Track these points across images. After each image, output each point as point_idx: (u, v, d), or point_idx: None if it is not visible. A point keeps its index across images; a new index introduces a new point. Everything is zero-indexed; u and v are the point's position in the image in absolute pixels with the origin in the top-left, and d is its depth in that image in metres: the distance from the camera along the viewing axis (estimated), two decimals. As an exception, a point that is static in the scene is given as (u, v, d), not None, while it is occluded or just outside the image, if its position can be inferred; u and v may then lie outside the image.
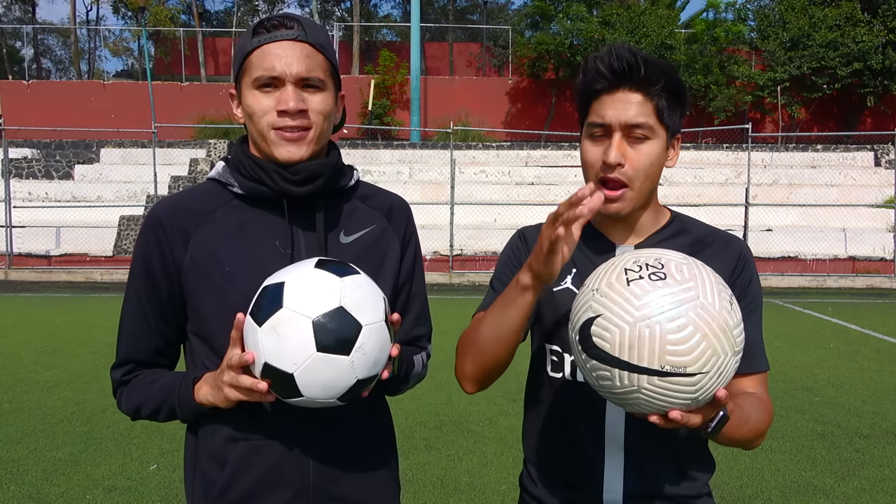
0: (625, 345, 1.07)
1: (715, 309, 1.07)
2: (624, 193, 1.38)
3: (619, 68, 1.35)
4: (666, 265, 1.12)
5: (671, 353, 1.05)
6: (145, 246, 1.41)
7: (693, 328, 1.05)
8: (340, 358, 1.17)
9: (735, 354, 1.10)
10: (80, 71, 38.19)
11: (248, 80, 1.36)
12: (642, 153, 1.37)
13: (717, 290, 1.10)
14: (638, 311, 1.07)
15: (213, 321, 1.38)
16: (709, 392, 1.10)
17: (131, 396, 1.44)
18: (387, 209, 1.53)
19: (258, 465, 1.38)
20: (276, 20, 1.36)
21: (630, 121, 1.35)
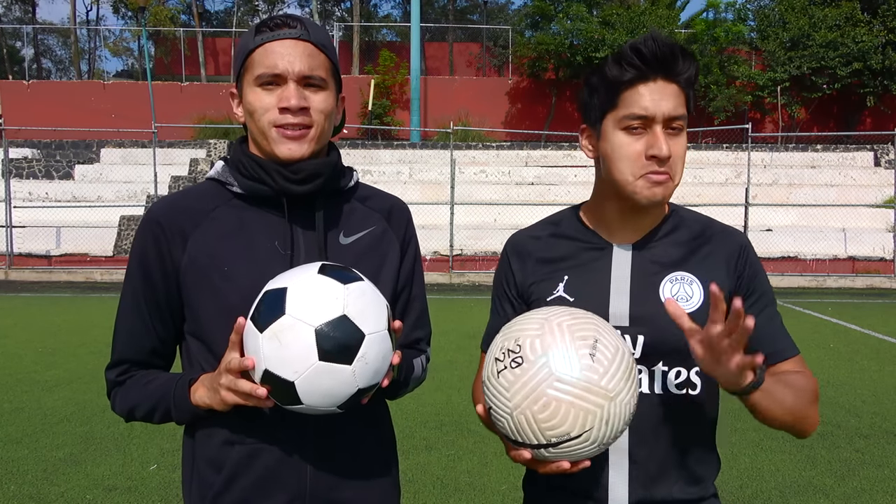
0: (514, 430, 1.17)
1: (572, 377, 1.12)
2: (668, 179, 1.34)
3: (662, 56, 1.30)
4: (522, 346, 1.16)
5: (548, 428, 1.13)
6: (143, 245, 1.40)
7: (556, 403, 1.12)
8: (342, 367, 1.16)
9: (611, 400, 1.13)
10: (80, 71, 38.20)
11: (249, 77, 1.36)
12: (679, 144, 1.34)
13: (571, 352, 1.13)
14: (510, 401, 1.15)
15: (211, 322, 1.37)
16: (609, 435, 1.16)
17: (126, 397, 1.44)
18: (387, 211, 1.53)
19: (255, 469, 1.37)
20: (279, 20, 1.37)
21: (672, 112, 1.31)
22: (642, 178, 1.33)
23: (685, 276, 1.40)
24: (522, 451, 1.19)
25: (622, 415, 1.15)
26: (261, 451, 1.37)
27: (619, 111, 1.33)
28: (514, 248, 1.54)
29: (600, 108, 1.37)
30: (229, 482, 1.38)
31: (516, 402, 1.14)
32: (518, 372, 1.14)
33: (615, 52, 1.37)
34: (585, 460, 1.18)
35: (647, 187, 1.34)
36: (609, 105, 1.35)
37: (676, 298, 1.37)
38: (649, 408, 1.37)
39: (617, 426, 1.15)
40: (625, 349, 1.19)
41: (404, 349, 1.54)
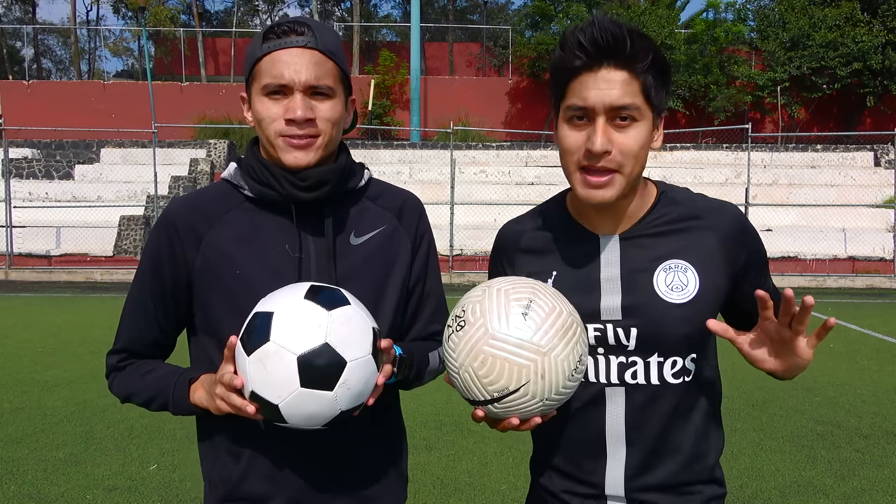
0: (463, 388, 1.23)
1: (504, 334, 1.18)
2: (612, 178, 1.27)
3: (604, 42, 1.22)
4: (465, 311, 1.23)
5: (489, 384, 1.19)
6: (157, 243, 1.43)
7: (492, 359, 1.18)
8: (324, 393, 1.19)
9: (544, 355, 1.17)
10: (80, 71, 38.20)
11: (257, 86, 1.37)
12: (630, 136, 1.25)
13: (503, 312, 1.20)
14: (456, 360, 1.22)
15: (224, 320, 1.39)
16: (548, 390, 1.19)
17: (124, 383, 1.47)
18: (398, 208, 1.53)
19: (271, 460, 1.41)
20: (287, 26, 1.36)
21: (615, 102, 1.23)
22: (579, 174, 1.29)
23: (679, 263, 1.35)
24: (476, 409, 1.24)
25: (559, 370, 1.19)
26: (275, 444, 1.40)
27: (565, 101, 1.28)
28: (502, 241, 1.52)
29: (553, 98, 1.33)
30: (246, 471, 1.42)
31: (461, 361, 1.21)
32: (461, 333, 1.22)
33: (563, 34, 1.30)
34: (535, 417, 1.22)
35: (581, 186, 1.29)
36: (559, 96, 1.31)
37: (671, 288, 1.34)
38: (646, 397, 1.37)
39: (555, 381, 1.19)
40: (563, 309, 1.22)
41: (419, 341, 1.56)
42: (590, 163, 1.26)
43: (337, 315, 1.22)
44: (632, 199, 1.37)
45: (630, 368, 1.36)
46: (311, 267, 1.41)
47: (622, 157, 1.26)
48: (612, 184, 1.27)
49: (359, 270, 1.44)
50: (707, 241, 1.36)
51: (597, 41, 1.22)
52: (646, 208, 1.39)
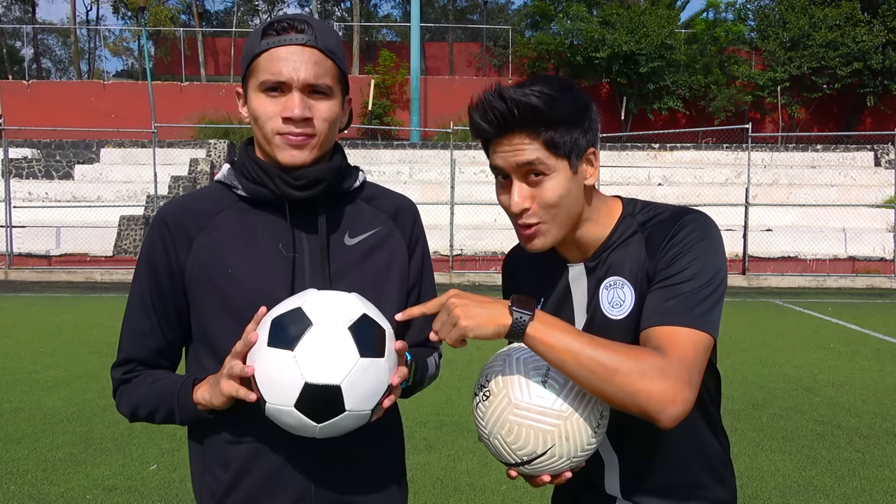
0: (495, 452, 1.30)
1: (526, 401, 1.24)
2: (538, 229, 1.32)
3: (494, 119, 1.27)
4: (489, 381, 1.30)
5: (517, 449, 1.25)
6: (151, 246, 1.41)
7: (518, 427, 1.24)
8: (378, 360, 1.22)
9: (566, 419, 1.23)
10: (80, 71, 38.20)
11: (254, 82, 1.34)
12: (545, 190, 1.29)
13: (525, 382, 1.26)
14: (486, 428, 1.29)
15: (215, 324, 1.37)
16: (574, 450, 1.25)
17: (131, 396, 1.44)
18: (393, 211, 1.52)
19: (262, 468, 1.38)
20: (287, 22, 1.34)
21: (519, 161, 1.28)
22: (519, 230, 1.36)
23: (617, 280, 1.36)
24: (510, 470, 1.31)
25: (582, 430, 1.25)
26: (267, 450, 1.37)
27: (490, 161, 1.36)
28: (508, 264, 1.61)
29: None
30: (237, 480, 1.39)
31: (489, 430, 1.28)
32: (487, 404, 1.29)
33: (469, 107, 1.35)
34: (566, 472, 1.29)
35: (520, 239, 1.37)
36: (487, 154, 1.36)
37: (612, 305, 1.35)
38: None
39: (579, 441, 1.25)
40: None
41: (417, 348, 1.54)
42: (517, 220, 1.34)
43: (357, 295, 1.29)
44: (589, 230, 1.39)
45: None
46: (304, 266, 1.39)
47: (542, 210, 1.31)
48: (539, 234, 1.33)
49: (352, 270, 1.43)
50: (634, 252, 1.36)
51: (488, 118, 1.28)
52: (606, 232, 1.40)
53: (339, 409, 1.18)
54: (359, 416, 1.23)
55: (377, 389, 1.22)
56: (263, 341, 1.20)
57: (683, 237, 1.29)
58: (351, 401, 1.19)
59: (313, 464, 1.39)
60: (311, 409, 1.18)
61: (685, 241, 1.29)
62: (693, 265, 1.27)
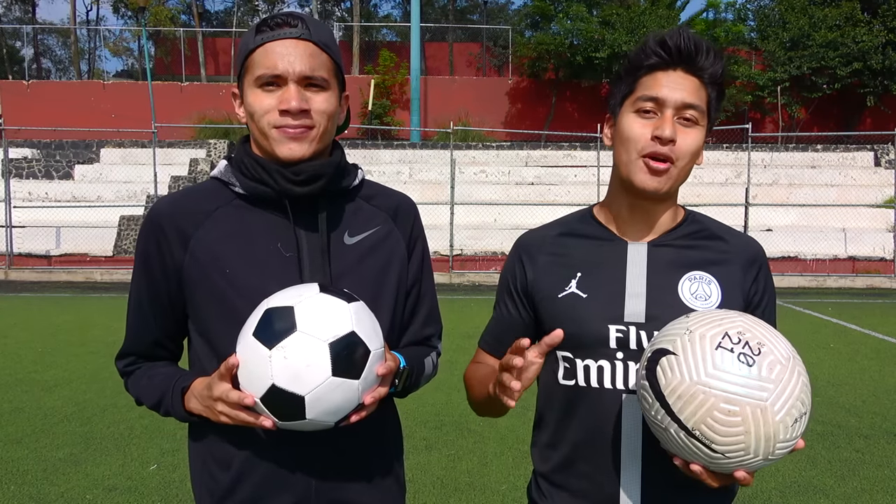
0: (676, 392, 1.14)
1: (775, 418, 1.11)
2: (669, 169, 1.34)
3: (685, 48, 1.33)
4: (762, 356, 1.13)
5: (708, 425, 1.11)
6: (145, 244, 1.41)
7: (741, 420, 1.10)
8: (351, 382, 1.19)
9: (765, 460, 1.14)
10: (80, 71, 38.19)
11: (250, 78, 1.34)
12: (689, 136, 1.34)
13: (790, 404, 1.12)
14: (707, 376, 1.12)
15: (214, 323, 1.37)
16: (723, 468, 1.16)
17: (133, 388, 1.47)
18: (393, 210, 1.51)
19: (262, 469, 1.37)
20: (280, 18, 1.34)
21: (686, 100, 1.33)
22: (641, 160, 1.34)
23: (703, 275, 1.39)
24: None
25: (745, 467, 1.16)
26: (267, 451, 1.37)
27: (635, 94, 1.37)
28: (523, 245, 1.54)
29: (621, 93, 1.41)
30: (237, 480, 1.38)
31: (713, 384, 1.13)
32: (742, 369, 1.13)
33: (645, 38, 1.40)
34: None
35: (642, 170, 1.34)
36: (628, 90, 1.39)
37: (695, 296, 1.37)
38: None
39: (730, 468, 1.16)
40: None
41: (415, 346, 1.54)
42: (655, 150, 1.33)
43: (356, 307, 1.24)
44: (665, 210, 1.43)
45: None
46: (304, 265, 1.38)
47: (680, 152, 1.34)
48: (668, 174, 1.35)
49: (352, 270, 1.41)
50: (729, 262, 1.41)
51: (679, 46, 1.33)
52: (675, 223, 1.45)
53: (301, 416, 1.19)
54: (321, 425, 1.23)
55: (344, 406, 1.21)
56: (251, 328, 1.20)
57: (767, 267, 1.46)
58: (313, 412, 1.19)
59: (314, 464, 1.38)
60: (274, 409, 1.20)
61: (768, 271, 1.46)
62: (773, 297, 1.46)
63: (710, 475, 1.18)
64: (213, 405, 1.25)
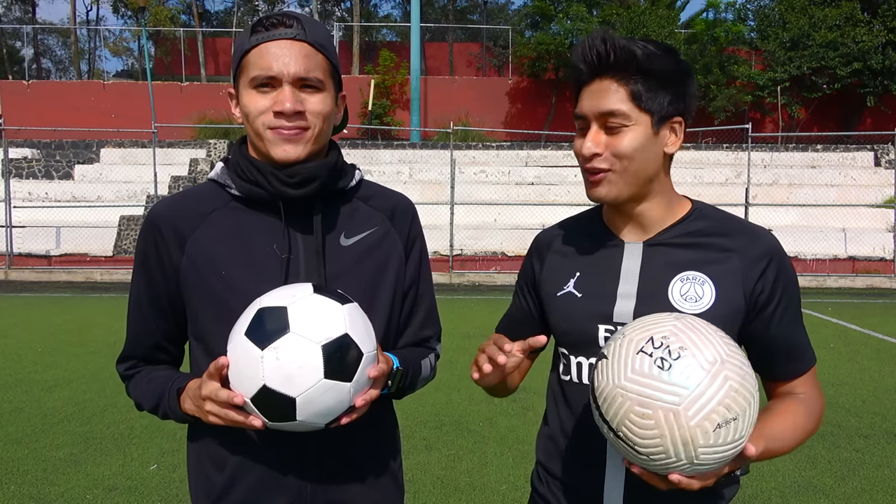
0: (602, 394, 1.17)
1: (689, 422, 1.10)
2: (605, 177, 1.34)
3: (591, 59, 1.32)
4: (680, 360, 1.12)
5: (627, 427, 1.14)
6: (144, 247, 1.41)
7: (654, 424, 1.11)
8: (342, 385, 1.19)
9: (692, 465, 1.13)
10: (80, 71, 38.19)
11: (245, 79, 1.33)
12: (618, 140, 1.32)
13: (710, 408, 1.10)
14: (625, 379, 1.14)
15: (210, 325, 1.37)
16: (657, 471, 1.16)
17: (133, 392, 1.47)
18: (390, 210, 1.50)
19: (257, 470, 1.37)
20: (275, 18, 1.33)
21: (601, 109, 1.32)
22: (586, 174, 1.38)
23: (697, 275, 1.36)
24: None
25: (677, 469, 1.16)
26: (263, 452, 1.36)
27: (575, 111, 1.40)
28: (537, 242, 1.59)
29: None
30: (232, 481, 1.38)
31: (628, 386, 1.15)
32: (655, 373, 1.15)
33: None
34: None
35: (587, 184, 1.39)
36: (575, 102, 1.41)
37: (685, 298, 1.35)
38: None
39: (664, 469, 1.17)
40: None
41: (412, 348, 1.53)
42: (587, 165, 1.36)
43: (349, 309, 1.23)
44: (656, 207, 1.40)
45: None
46: (299, 267, 1.37)
47: (613, 157, 1.33)
48: (606, 182, 1.35)
49: (349, 271, 1.41)
50: (729, 260, 1.37)
51: (585, 58, 1.34)
52: (674, 219, 1.42)
53: (291, 417, 1.19)
54: (311, 426, 1.23)
55: (336, 408, 1.21)
56: (243, 327, 1.20)
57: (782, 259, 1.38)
58: (303, 414, 1.18)
59: (308, 465, 1.38)
60: (264, 409, 1.19)
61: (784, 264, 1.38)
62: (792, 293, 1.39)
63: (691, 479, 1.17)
64: (202, 404, 1.25)
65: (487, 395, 1.51)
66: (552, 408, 1.53)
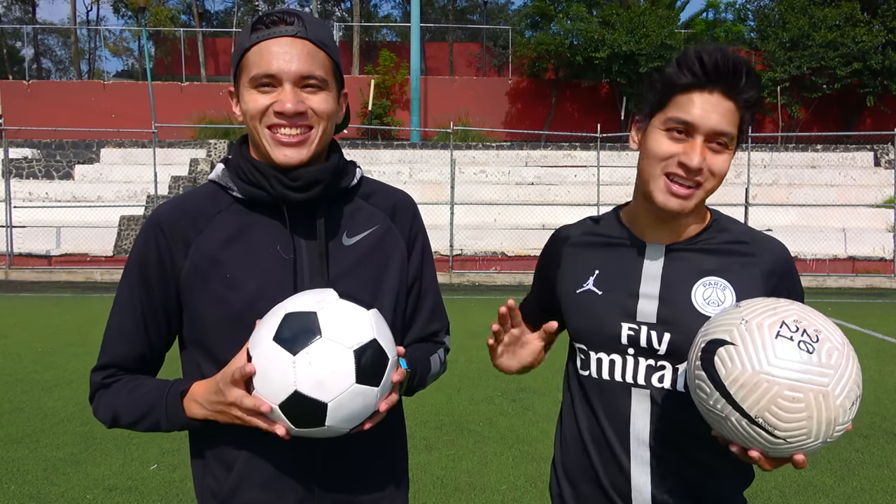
0: (738, 382, 1.15)
1: (836, 402, 1.14)
2: (694, 193, 1.34)
3: (724, 69, 1.29)
4: (820, 342, 1.15)
5: (772, 412, 1.14)
6: (144, 248, 1.37)
7: (804, 407, 1.13)
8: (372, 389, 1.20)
9: (823, 443, 1.17)
10: (80, 71, 38.18)
11: (245, 78, 1.31)
12: (720, 160, 1.33)
13: (849, 388, 1.15)
14: (769, 364, 1.14)
15: (213, 329, 1.35)
16: (782, 453, 1.19)
17: (110, 403, 1.39)
18: (391, 208, 1.49)
19: (265, 469, 1.36)
20: (276, 16, 1.31)
21: (718, 127, 1.31)
22: (663, 180, 1.34)
23: (718, 281, 1.40)
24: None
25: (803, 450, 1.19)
26: (269, 451, 1.35)
27: (667, 112, 1.34)
28: (555, 238, 1.61)
29: (652, 105, 1.39)
30: (239, 482, 1.37)
31: (775, 372, 1.15)
32: (803, 357, 1.15)
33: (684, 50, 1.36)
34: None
35: (663, 191, 1.35)
36: (660, 105, 1.36)
37: (708, 302, 1.38)
38: (672, 403, 1.39)
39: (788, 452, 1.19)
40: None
41: (422, 344, 1.54)
42: (679, 173, 1.33)
43: (374, 314, 1.24)
44: (687, 219, 1.43)
45: (658, 372, 1.40)
46: (303, 269, 1.36)
47: (709, 176, 1.34)
48: (693, 197, 1.35)
49: (352, 271, 1.40)
50: (749, 268, 1.41)
51: (717, 66, 1.29)
52: (698, 229, 1.45)
53: (320, 423, 1.19)
54: (336, 432, 1.23)
55: (362, 413, 1.22)
56: (269, 333, 1.17)
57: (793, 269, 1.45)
58: (333, 419, 1.19)
59: (318, 464, 1.37)
60: (293, 415, 1.18)
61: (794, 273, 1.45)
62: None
63: (766, 460, 1.20)
64: (228, 409, 1.23)
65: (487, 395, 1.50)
66: (568, 403, 1.55)
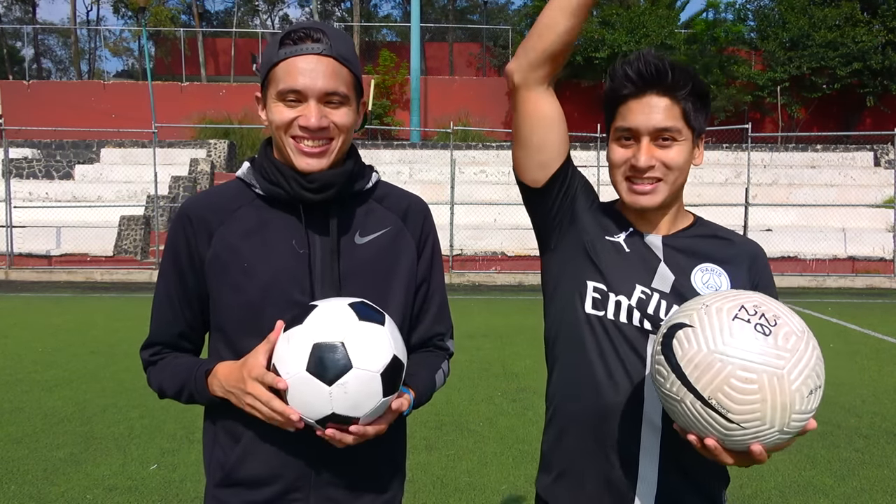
0: (693, 362, 1.17)
1: (791, 386, 1.13)
2: (657, 187, 1.44)
3: (648, 73, 1.39)
4: (778, 326, 1.16)
5: (725, 393, 1.14)
6: (175, 237, 1.50)
7: (758, 388, 1.13)
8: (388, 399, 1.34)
9: (781, 432, 1.16)
10: (80, 71, 38.20)
11: (272, 90, 1.41)
12: (670, 153, 1.43)
13: (806, 374, 1.15)
14: (724, 344, 1.15)
15: (230, 315, 1.46)
16: (738, 443, 1.18)
17: (157, 378, 1.53)
18: (403, 210, 1.58)
19: (269, 444, 1.44)
20: (303, 31, 1.40)
21: (658, 125, 1.41)
22: (625, 183, 1.46)
23: (714, 267, 1.49)
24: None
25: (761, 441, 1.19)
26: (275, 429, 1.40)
27: (615, 123, 1.47)
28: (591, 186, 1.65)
29: (606, 120, 1.51)
30: (244, 455, 1.46)
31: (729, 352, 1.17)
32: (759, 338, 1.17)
33: (612, 66, 1.48)
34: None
35: (627, 192, 1.47)
36: (610, 118, 1.50)
37: (706, 286, 1.46)
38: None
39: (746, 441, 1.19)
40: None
41: (426, 355, 1.60)
42: (634, 174, 1.44)
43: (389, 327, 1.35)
44: (674, 211, 1.52)
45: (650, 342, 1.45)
46: (316, 263, 1.46)
47: (665, 170, 1.44)
48: (658, 191, 1.45)
49: (362, 269, 1.49)
50: (735, 261, 1.51)
51: (642, 72, 1.41)
52: (685, 224, 1.56)
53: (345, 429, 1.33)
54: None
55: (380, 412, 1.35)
56: (301, 364, 1.27)
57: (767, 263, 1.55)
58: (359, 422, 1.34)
59: (318, 443, 1.41)
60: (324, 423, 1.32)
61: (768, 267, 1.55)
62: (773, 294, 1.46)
63: (724, 451, 1.20)
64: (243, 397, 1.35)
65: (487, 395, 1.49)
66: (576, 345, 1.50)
